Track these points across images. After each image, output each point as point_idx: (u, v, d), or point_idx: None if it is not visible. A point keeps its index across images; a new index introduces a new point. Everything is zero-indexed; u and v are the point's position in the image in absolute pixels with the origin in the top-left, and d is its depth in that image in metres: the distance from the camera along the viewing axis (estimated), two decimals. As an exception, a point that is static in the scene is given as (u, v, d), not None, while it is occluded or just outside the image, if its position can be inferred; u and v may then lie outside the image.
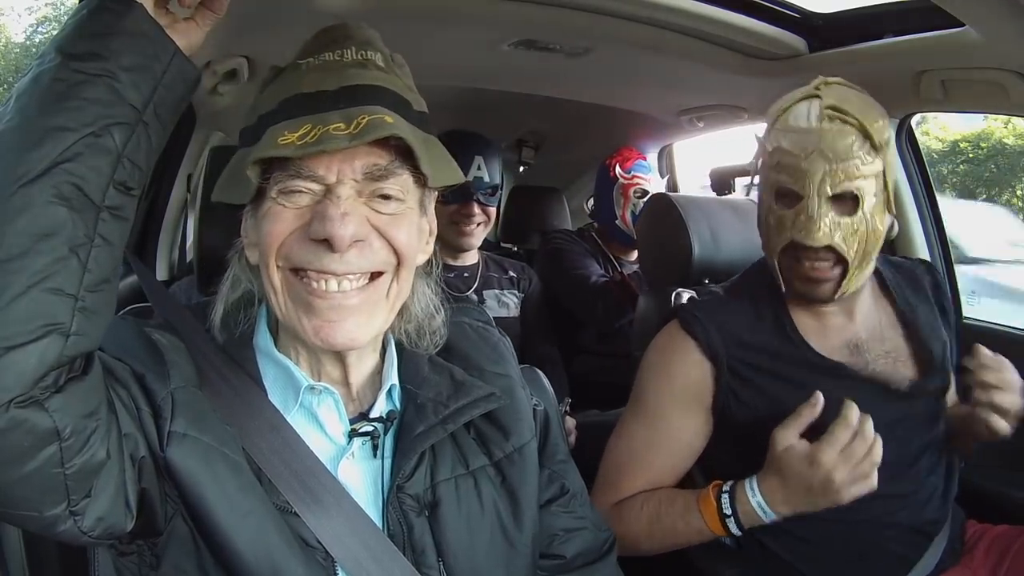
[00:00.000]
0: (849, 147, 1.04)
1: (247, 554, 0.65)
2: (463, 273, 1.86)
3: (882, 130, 1.06)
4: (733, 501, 1.04)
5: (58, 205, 0.55)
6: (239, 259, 0.78)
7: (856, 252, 1.07)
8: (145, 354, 0.69)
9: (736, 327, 1.14)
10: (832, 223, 1.06)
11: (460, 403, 0.77)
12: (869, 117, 1.06)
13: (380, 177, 0.70)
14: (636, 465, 1.15)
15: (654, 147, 2.62)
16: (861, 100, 1.08)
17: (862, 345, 1.15)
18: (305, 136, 0.67)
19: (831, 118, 1.05)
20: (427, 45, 1.61)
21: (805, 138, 1.07)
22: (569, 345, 2.08)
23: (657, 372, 1.18)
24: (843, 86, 1.11)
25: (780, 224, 1.10)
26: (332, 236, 0.67)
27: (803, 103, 1.09)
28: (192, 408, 0.67)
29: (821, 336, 1.14)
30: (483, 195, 1.79)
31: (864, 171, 1.05)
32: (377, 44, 0.75)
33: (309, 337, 0.71)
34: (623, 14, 1.40)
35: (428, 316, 0.81)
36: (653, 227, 1.65)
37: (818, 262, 1.08)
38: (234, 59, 1.51)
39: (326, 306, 0.69)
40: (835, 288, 1.09)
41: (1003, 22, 1.12)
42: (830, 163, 1.05)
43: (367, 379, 0.79)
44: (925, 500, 1.13)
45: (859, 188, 1.05)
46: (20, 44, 15.51)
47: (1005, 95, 1.30)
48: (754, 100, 1.91)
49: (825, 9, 1.53)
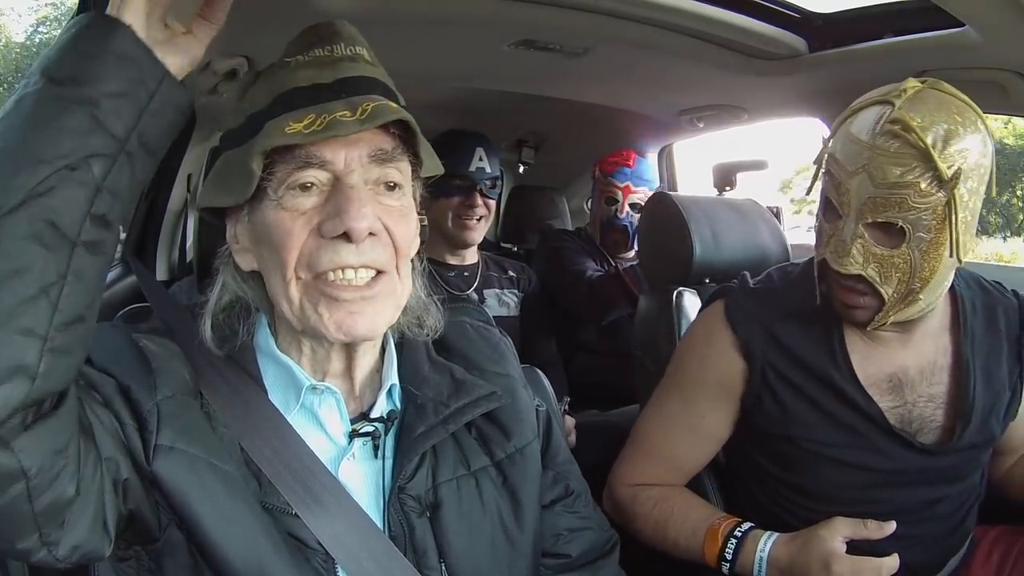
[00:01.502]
0: (903, 176, 0.89)
1: (237, 561, 0.65)
2: (463, 272, 1.86)
3: (955, 158, 0.89)
4: (739, 547, 1.02)
5: (29, 242, 0.52)
6: (227, 266, 0.77)
7: (896, 289, 0.95)
8: (132, 364, 0.68)
9: (782, 331, 1.06)
10: (866, 252, 0.94)
11: (461, 402, 0.77)
12: (943, 140, 0.89)
13: (384, 161, 0.72)
14: (660, 447, 1.14)
15: (654, 147, 2.62)
16: (947, 114, 0.90)
17: (907, 382, 1.05)
18: (311, 125, 0.67)
19: (894, 135, 0.90)
20: (427, 46, 1.61)
21: (857, 152, 0.93)
22: (568, 344, 2.08)
23: (692, 356, 1.14)
24: (938, 92, 0.94)
25: (821, 237, 1.01)
26: (351, 229, 0.67)
27: (873, 108, 0.94)
28: (180, 419, 0.67)
29: (867, 360, 1.05)
30: (486, 186, 1.80)
31: (918, 204, 0.90)
32: (362, 40, 0.76)
33: (330, 332, 0.70)
34: (623, 14, 1.40)
35: (423, 308, 0.81)
36: (654, 227, 1.65)
37: (848, 289, 0.98)
38: (234, 59, 1.51)
39: (350, 297, 0.69)
40: (869, 317, 0.99)
41: (1003, 22, 1.12)
42: (877, 188, 0.91)
43: (368, 376, 0.79)
44: (940, 542, 1.10)
45: (908, 221, 0.91)
46: (20, 44, 15.51)
47: (1005, 95, 1.30)
48: (754, 100, 1.91)
49: (825, 9, 1.52)
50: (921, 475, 1.05)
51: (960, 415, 1.05)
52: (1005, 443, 1.16)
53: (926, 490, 1.06)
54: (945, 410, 1.06)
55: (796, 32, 1.51)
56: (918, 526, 1.06)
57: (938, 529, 1.09)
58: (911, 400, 1.05)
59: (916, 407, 1.05)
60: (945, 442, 1.05)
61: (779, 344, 1.06)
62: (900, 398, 1.05)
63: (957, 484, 1.08)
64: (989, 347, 1.08)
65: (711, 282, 1.54)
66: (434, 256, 1.79)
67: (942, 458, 1.05)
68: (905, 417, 1.05)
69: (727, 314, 1.09)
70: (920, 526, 1.07)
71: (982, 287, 1.13)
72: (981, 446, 1.08)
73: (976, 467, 1.10)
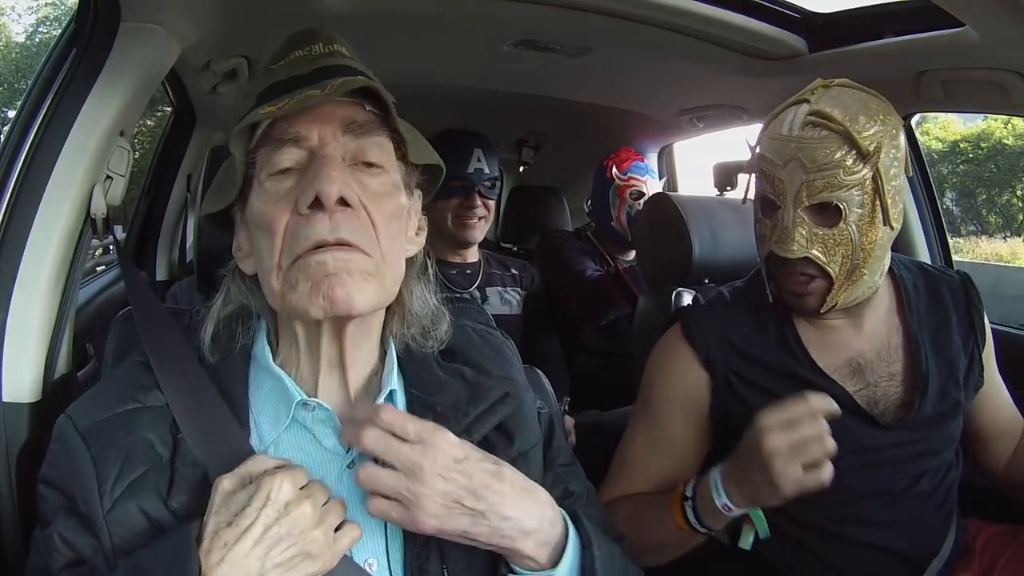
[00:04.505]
0: (830, 156, 0.98)
1: None
2: (465, 270, 1.87)
3: (873, 136, 0.99)
4: (696, 486, 0.99)
5: None
6: (233, 277, 0.78)
7: (842, 266, 1.02)
8: (75, 478, 0.68)
9: (737, 338, 1.11)
10: (809, 235, 1.01)
11: (479, 408, 0.76)
12: (859, 122, 0.98)
13: (360, 134, 0.73)
14: (636, 467, 1.15)
15: (654, 147, 2.62)
16: (859, 103, 1.01)
17: (865, 365, 1.10)
18: (284, 106, 0.69)
19: (814, 125, 0.99)
20: (427, 46, 1.62)
21: (784, 146, 1.02)
22: (569, 344, 2.08)
23: (658, 376, 1.17)
24: (844, 87, 1.04)
25: (762, 234, 1.07)
26: (321, 193, 0.67)
27: (790, 109, 1.04)
28: (129, 523, 0.66)
29: (824, 350, 1.10)
30: (484, 187, 1.80)
31: (847, 181, 0.99)
32: (341, 39, 0.78)
33: (309, 306, 0.69)
34: (623, 14, 1.40)
35: (431, 318, 0.81)
36: (653, 227, 1.65)
37: (797, 275, 1.04)
38: (234, 59, 1.51)
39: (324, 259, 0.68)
40: (819, 302, 1.04)
41: (1003, 22, 1.12)
42: (808, 173, 0.99)
43: (365, 380, 0.78)
44: (926, 523, 1.11)
45: (841, 199, 0.99)
46: (20, 44, 15.51)
47: (1005, 95, 1.30)
48: (754, 100, 1.91)
49: (825, 9, 1.53)
50: (895, 453, 1.07)
51: (917, 386, 1.10)
52: (989, 425, 1.21)
53: (902, 468, 1.09)
54: (904, 385, 1.11)
55: (796, 32, 1.52)
56: (903, 507, 1.08)
57: (922, 509, 1.10)
58: (873, 381, 1.09)
59: (879, 387, 1.10)
60: (907, 416, 1.08)
61: (737, 350, 1.10)
62: (862, 380, 1.09)
63: (932, 459, 1.11)
64: (936, 321, 1.14)
65: (710, 282, 1.54)
66: (436, 255, 1.78)
67: (910, 432, 1.08)
68: (871, 398, 1.09)
69: (684, 332, 1.13)
70: (904, 507, 1.09)
71: (922, 269, 1.21)
72: (947, 415, 1.11)
73: (948, 441, 1.13)
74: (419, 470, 0.66)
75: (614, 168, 2.19)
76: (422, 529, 0.68)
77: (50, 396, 0.99)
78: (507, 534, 0.69)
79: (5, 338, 0.96)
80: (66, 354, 1.05)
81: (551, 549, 0.72)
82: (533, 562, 0.71)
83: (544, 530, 0.71)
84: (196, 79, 1.66)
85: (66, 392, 1.03)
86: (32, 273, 0.98)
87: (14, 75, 14.57)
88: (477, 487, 0.68)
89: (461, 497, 0.67)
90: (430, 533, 0.68)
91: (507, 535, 0.69)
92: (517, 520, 0.69)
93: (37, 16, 15.70)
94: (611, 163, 2.21)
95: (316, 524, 0.65)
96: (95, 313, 1.82)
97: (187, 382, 0.74)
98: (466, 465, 0.68)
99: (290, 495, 0.65)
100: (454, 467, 0.68)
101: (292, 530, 0.64)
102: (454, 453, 0.68)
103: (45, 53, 1.23)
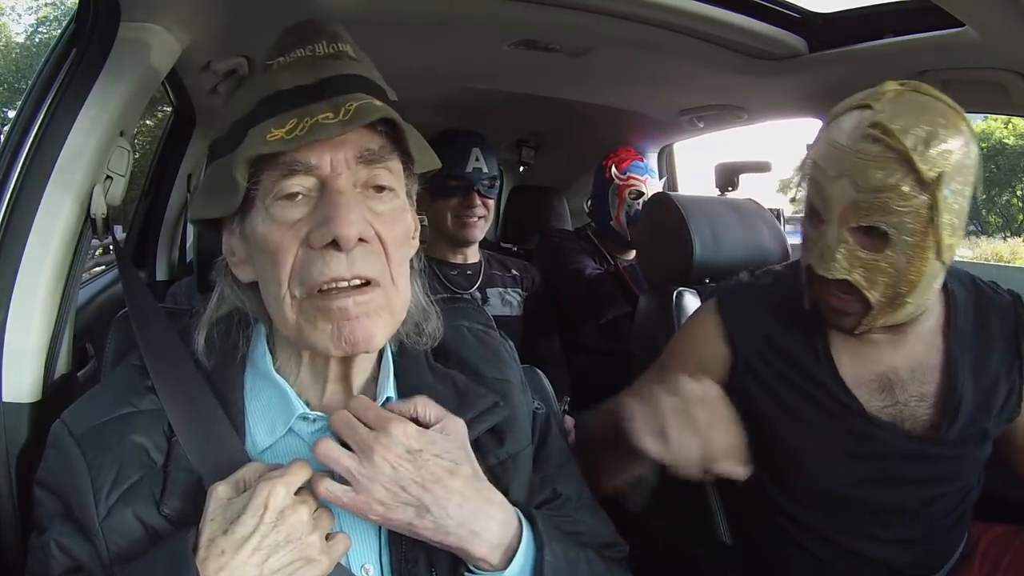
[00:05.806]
0: (885, 179, 0.89)
1: None
2: (466, 271, 1.86)
3: (937, 160, 0.88)
4: None
5: None
6: (225, 277, 0.76)
7: (884, 293, 0.94)
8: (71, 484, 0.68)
9: (769, 326, 1.08)
10: (851, 257, 0.93)
11: (467, 417, 0.75)
12: (923, 143, 0.88)
13: (373, 162, 0.69)
14: None
15: (654, 147, 2.62)
16: (928, 119, 0.89)
17: (897, 383, 1.04)
18: (293, 130, 0.65)
19: (873, 139, 0.89)
20: (427, 46, 1.61)
21: (838, 157, 0.92)
22: (569, 344, 2.08)
23: (680, 342, 1.16)
24: (917, 94, 0.93)
25: (806, 243, 1.01)
26: (340, 237, 0.65)
27: (853, 113, 0.94)
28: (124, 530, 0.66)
29: (854, 361, 1.05)
30: (483, 186, 1.80)
31: (900, 207, 0.89)
32: (346, 36, 0.73)
33: (330, 346, 0.68)
34: (623, 14, 1.40)
35: (422, 313, 0.80)
36: (654, 227, 1.65)
37: (835, 294, 0.98)
38: (234, 59, 1.51)
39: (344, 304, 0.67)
40: (856, 323, 0.98)
41: (1003, 22, 1.12)
42: (859, 192, 0.90)
43: (363, 387, 0.78)
44: (935, 540, 1.10)
45: (891, 224, 0.90)
46: (20, 44, 15.51)
47: (1005, 95, 1.30)
48: (754, 100, 1.91)
49: (825, 9, 1.53)
50: (914, 472, 1.05)
51: (948, 411, 1.04)
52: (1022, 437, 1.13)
53: (919, 489, 1.06)
54: (935, 408, 1.05)
55: (796, 32, 1.52)
56: (913, 527, 1.06)
57: (933, 531, 1.08)
58: (902, 400, 1.05)
59: (907, 407, 1.05)
60: (933, 436, 1.05)
61: (766, 337, 1.08)
62: (891, 398, 1.05)
63: (952, 483, 1.08)
64: (979, 344, 1.07)
65: (711, 282, 1.54)
66: (436, 255, 1.79)
67: (930, 449, 1.04)
68: (897, 416, 1.05)
69: (719, 306, 1.12)
70: (915, 527, 1.06)
71: (976, 285, 1.13)
72: (972, 441, 1.07)
73: (972, 467, 1.10)
74: (370, 452, 0.67)
75: (614, 168, 2.20)
76: (368, 516, 0.67)
77: (50, 396, 0.99)
78: (453, 532, 0.68)
79: (5, 338, 0.96)
80: (66, 354, 1.04)
81: (504, 551, 0.71)
82: (487, 564, 0.70)
83: (494, 531, 0.70)
84: (196, 79, 1.65)
85: (66, 392, 1.03)
86: (32, 273, 0.98)
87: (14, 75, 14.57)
88: (426, 479, 0.67)
89: (407, 485, 0.67)
90: (376, 521, 0.68)
91: (453, 533, 0.68)
92: (462, 520, 0.68)
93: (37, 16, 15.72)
94: (611, 163, 2.21)
95: (312, 529, 0.65)
96: (95, 313, 1.82)
97: (183, 386, 0.73)
98: (419, 456, 0.68)
99: (286, 501, 0.64)
100: (406, 456, 0.68)
101: (290, 536, 0.64)
102: (409, 443, 0.68)
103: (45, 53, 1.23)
